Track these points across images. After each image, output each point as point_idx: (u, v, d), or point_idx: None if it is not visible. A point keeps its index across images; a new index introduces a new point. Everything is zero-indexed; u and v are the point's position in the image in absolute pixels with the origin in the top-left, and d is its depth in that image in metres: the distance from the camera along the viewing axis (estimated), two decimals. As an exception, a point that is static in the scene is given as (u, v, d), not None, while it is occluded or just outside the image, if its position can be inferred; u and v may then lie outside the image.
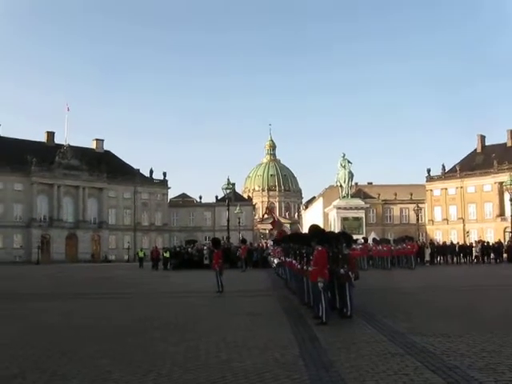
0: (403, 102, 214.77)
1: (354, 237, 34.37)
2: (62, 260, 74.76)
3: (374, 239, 40.40)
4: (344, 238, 13.38)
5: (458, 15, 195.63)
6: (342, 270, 12.20)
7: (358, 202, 55.51)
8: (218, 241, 23.44)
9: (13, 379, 7.30)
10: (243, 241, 42.94)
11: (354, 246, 30.34)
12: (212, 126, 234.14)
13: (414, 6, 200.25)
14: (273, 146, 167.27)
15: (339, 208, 52.60)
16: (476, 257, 43.94)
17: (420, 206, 74.36)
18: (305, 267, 13.25)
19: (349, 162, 53.18)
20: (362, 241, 38.20)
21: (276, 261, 25.23)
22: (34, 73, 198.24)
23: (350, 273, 12.24)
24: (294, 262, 15.79)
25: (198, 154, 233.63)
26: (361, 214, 53.05)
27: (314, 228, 13.06)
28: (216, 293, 19.20)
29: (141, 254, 51.03)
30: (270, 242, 42.28)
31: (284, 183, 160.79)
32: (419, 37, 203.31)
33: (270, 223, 53.89)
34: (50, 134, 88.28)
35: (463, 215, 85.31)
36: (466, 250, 45.02)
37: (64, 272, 41.96)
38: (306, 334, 10.32)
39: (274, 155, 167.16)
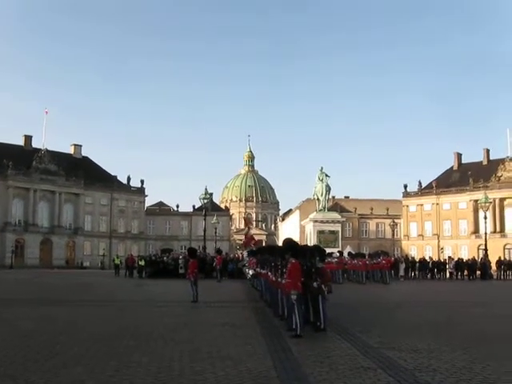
0: (382, 115, 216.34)
1: (330, 250, 34.67)
2: (36, 265, 73.76)
3: (349, 253, 40.63)
4: (318, 251, 13.54)
5: (444, 28, 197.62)
6: (314, 284, 12.29)
7: (335, 215, 55.75)
8: (194, 250, 23.44)
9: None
10: (218, 251, 42.74)
11: (330, 260, 30.55)
12: (191, 135, 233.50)
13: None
14: (251, 157, 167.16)
15: (316, 221, 52.74)
16: (450, 273, 44.38)
17: (396, 221, 75.16)
18: (279, 279, 13.35)
19: (326, 175, 53.49)
20: (338, 254, 38.36)
21: (251, 272, 25.18)
22: (12, 76, 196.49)
23: (323, 286, 12.35)
24: (269, 273, 15.83)
25: (176, 162, 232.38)
26: (337, 227, 53.23)
27: (288, 241, 13.34)
28: (191, 303, 19.17)
29: (117, 261, 50.51)
30: (246, 253, 42.22)
31: (261, 194, 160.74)
32: (405, 47, 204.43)
33: (244, 236, 53.68)
34: (28, 138, 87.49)
35: (438, 231, 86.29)
36: (439, 266, 45.41)
37: (39, 277, 41.46)
38: (280, 346, 10.35)
39: (253, 166, 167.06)
